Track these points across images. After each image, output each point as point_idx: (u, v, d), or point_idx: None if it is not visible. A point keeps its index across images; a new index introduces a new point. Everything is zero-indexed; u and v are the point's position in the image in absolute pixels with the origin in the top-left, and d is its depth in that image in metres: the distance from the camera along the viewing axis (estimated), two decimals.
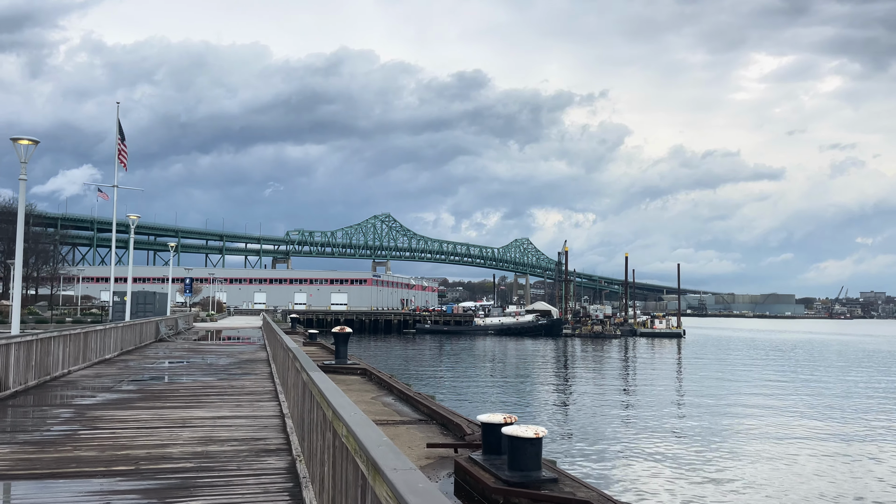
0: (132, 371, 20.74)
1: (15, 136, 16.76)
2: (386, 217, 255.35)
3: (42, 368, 17.09)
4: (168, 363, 23.85)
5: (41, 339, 16.82)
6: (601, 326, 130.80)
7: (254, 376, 19.63)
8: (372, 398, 16.38)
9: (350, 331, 23.17)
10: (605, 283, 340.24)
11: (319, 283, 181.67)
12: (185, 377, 19.40)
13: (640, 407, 37.86)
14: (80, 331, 20.59)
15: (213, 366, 22.87)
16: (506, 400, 39.59)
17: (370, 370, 21.03)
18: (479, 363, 67.20)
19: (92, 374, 19.59)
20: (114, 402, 14.12)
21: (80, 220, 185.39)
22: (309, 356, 13.36)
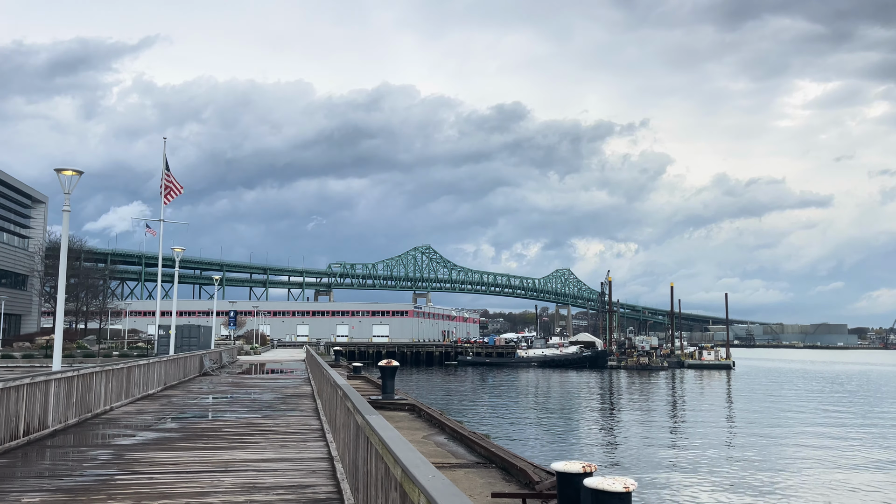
0: (175, 407, 20.14)
1: (59, 167, 16.48)
2: (426, 249, 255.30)
3: (83, 405, 16.55)
4: (211, 399, 23.25)
5: (83, 375, 16.30)
6: (647, 358, 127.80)
7: (299, 413, 18.86)
8: (423, 437, 15.44)
9: (397, 365, 22.32)
10: (648, 313, 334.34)
11: (361, 315, 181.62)
12: (229, 414, 18.71)
13: (693, 443, 36.14)
14: (123, 366, 20.10)
15: (257, 401, 22.18)
16: (554, 435, 38.19)
17: (419, 406, 20.10)
18: (523, 396, 65.67)
19: (134, 410, 19.03)
20: (154, 443, 13.43)
21: (129, 256, 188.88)
22: (341, 377, 12.58)
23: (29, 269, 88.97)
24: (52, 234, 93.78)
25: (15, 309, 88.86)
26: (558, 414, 50.71)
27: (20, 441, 12.66)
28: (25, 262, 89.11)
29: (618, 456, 31.26)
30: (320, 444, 13.12)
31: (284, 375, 39.49)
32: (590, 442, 36.38)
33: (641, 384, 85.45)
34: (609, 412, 52.73)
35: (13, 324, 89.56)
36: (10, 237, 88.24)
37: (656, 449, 33.70)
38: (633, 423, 44.57)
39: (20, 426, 12.73)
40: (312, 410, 19.20)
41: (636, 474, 26.32)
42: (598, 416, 49.40)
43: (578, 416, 49.21)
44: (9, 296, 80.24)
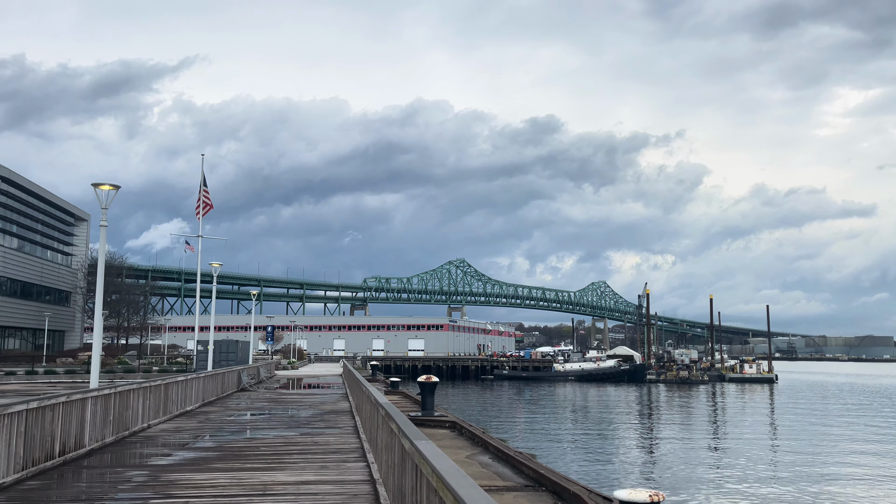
0: (212, 425, 19.86)
1: (96, 182, 16.37)
2: (461, 262, 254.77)
3: (121, 423, 16.31)
4: (249, 415, 22.96)
5: (120, 392, 16.06)
6: (687, 372, 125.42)
7: (338, 430, 18.42)
8: (466, 457, 14.88)
9: (437, 380, 21.79)
10: (686, 326, 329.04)
11: (397, 329, 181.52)
12: (266, 431, 18.35)
13: (737, 460, 34.93)
14: (161, 382, 19.88)
15: (295, 418, 21.82)
16: (595, 453, 37.27)
17: (460, 423, 19.53)
18: (561, 412, 64.65)
19: (172, 428, 18.77)
20: (191, 463, 13.07)
21: (169, 272, 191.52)
22: (383, 395, 12.09)
23: (72, 286, 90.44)
24: (93, 251, 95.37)
25: (59, 325, 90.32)
26: (598, 430, 49.63)
27: (56, 461, 12.39)
28: (68, 279, 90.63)
29: (659, 473, 30.30)
30: (361, 465, 12.64)
31: (322, 390, 39.19)
32: (631, 459, 35.39)
33: (681, 398, 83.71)
34: (649, 428, 51.54)
35: (57, 340, 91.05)
36: (53, 254, 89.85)
37: (699, 467, 32.63)
38: (675, 440, 43.40)
39: (55, 446, 12.47)
40: (351, 428, 18.76)
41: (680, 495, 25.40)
42: (638, 432, 48.24)
43: (618, 432, 48.11)
44: (52, 312, 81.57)
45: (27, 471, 11.21)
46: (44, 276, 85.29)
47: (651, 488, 7.79)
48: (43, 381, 48.69)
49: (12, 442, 10.72)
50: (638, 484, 26.27)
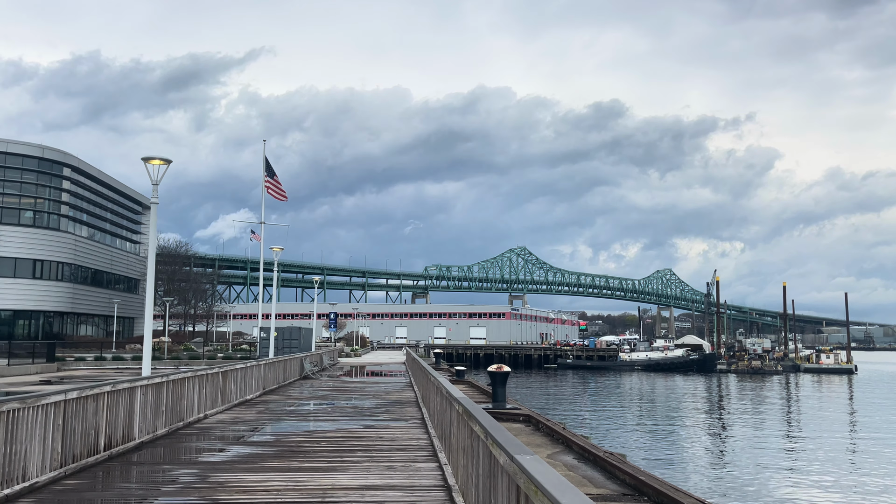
0: (272, 415, 18.78)
1: (146, 156, 15.33)
2: (522, 250, 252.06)
3: (175, 413, 15.29)
4: (310, 405, 21.86)
5: (173, 381, 15.03)
6: (760, 362, 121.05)
7: (403, 423, 17.09)
8: (548, 456, 13.34)
9: (509, 370, 20.26)
10: (756, 314, 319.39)
11: (458, 317, 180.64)
12: (328, 424, 17.14)
13: (817, 455, 32.41)
14: (218, 370, 18.88)
15: (359, 409, 20.61)
16: (666, 447, 35.22)
17: (535, 417, 17.96)
18: (629, 402, 62.48)
19: (229, 418, 17.73)
20: (244, 460, 11.86)
21: (235, 260, 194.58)
22: (454, 386, 10.66)
23: (140, 274, 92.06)
24: (160, 238, 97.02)
25: (128, 312, 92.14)
26: (669, 422, 47.42)
27: (100, 456, 11.33)
28: (137, 267, 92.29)
29: (734, 471, 28.19)
30: (432, 467, 11.21)
31: (385, 378, 38.18)
32: (705, 456, 33.20)
33: (755, 389, 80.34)
34: (723, 421, 49.11)
35: (126, 326, 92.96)
36: (122, 242, 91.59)
37: (776, 465, 30.32)
38: (750, 434, 41.00)
39: (100, 440, 11.41)
40: (418, 421, 17.40)
41: (756, 496, 23.39)
42: (711, 426, 45.90)
43: (690, 425, 45.79)
44: (122, 299, 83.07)
45: (66, 468, 10.15)
46: (114, 264, 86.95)
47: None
48: (111, 367, 49.11)
49: (48, 437, 9.65)
50: (721, 487, 24.30)
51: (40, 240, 71.45)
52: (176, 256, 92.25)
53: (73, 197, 76.44)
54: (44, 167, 71.79)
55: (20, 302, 70.35)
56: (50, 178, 72.83)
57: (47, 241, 72.16)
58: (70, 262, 75.42)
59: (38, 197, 72.01)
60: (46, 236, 72.17)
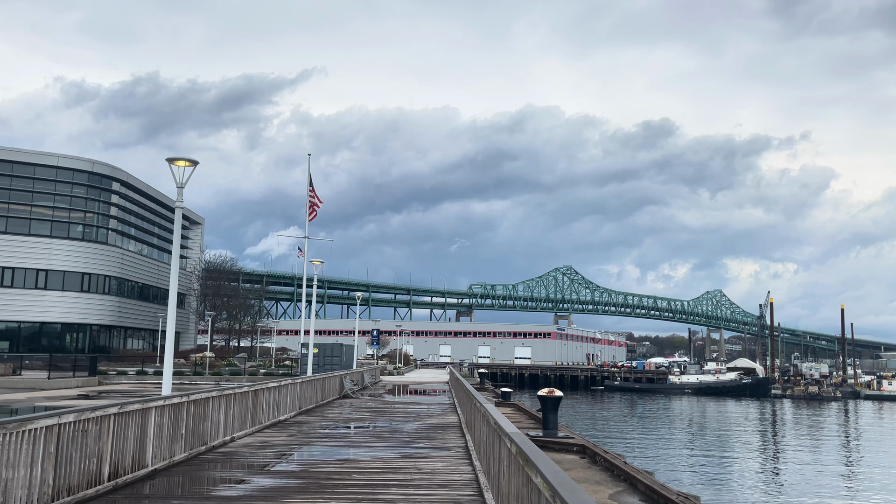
0: (304, 438, 17.43)
1: (171, 157, 14.24)
2: (567, 269, 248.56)
3: (196, 437, 14.03)
4: (346, 428, 20.45)
5: (195, 401, 13.77)
6: (817, 387, 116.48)
7: (445, 452, 15.56)
8: (609, 497, 11.68)
9: (561, 395, 18.60)
10: (810, 338, 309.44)
11: (503, 336, 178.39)
12: (363, 450, 15.70)
13: (886, 485, 29.78)
14: (248, 389, 17.63)
15: (397, 433, 19.14)
16: (731, 481, 32.90)
17: (591, 447, 16.24)
18: (682, 428, 59.82)
19: (257, 442, 16.41)
20: (263, 495, 10.46)
21: (283, 277, 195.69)
22: (502, 415, 9.20)
23: (187, 289, 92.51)
24: (207, 253, 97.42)
25: (175, 326, 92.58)
26: (724, 450, 44.91)
27: (103, 487, 10.06)
28: (183, 282, 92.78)
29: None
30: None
31: (428, 398, 36.70)
32: (757, 482, 30.81)
33: (813, 416, 76.73)
34: (782, 449, 46.45)
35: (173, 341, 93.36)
36: (170, 257, 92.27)
37: (833, 492, 27.87)
38: (810, 464, 38.39)
39: (104, 468, 10.14)
40: (462, 450, 15.85)
41: None
42: (772, 455, 43.31)
43: (749, 454, 43.24)
44: (164, 313, 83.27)
45: (57, 503, 8.88)
46: (160, 278, 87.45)
47: None
48: (151, 381, 48.61)
49: (36, 467, 8.39)
50: None
51: (89, 253, 72.10)
52: (221, 272, 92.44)
53: (122, 211, 77.13)
54: (93, 181, 72.57)
55: (68, 315, 70.94)
56: (99, 193, 73.58)
57: (96, 254, 72.79)
58: (117, 275, 75.94)
59: (87, 211, 72.76)
60: (95, 250, 72.82)
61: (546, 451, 15.96)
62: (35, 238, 68.89)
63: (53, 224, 70.45)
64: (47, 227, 69.76)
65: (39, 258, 68.48)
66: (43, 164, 69.10)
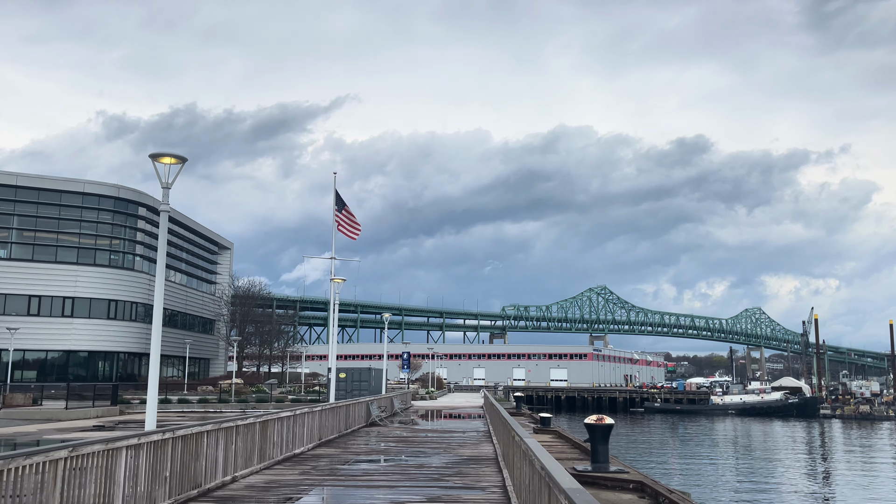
0: (317, 476, 15.27)
1: (155, 153, 12.36)
2: (602, 289, 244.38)
3: (186, 479, 11.95)
4: (368, 463, 18.23)
5: (183, 437, 11.71)
6: (868, 406, 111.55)
7: (479, 494, 13.28)
8: None
9: (612, 423, 16.25)
10: (854, 355, 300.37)
11: (538, 358, 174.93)
12: (382, 492, 13.47)
13: None
14: (254, 420, 15.53)
15: (425, 468, 16.88)
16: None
17: (650, 485, 13.85)
18: (725, 451, 56.88)
19: (262, 482, 14.27)
20: None
21: (316, 302, 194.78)
22: (548, 454, 7.17)
23: (216, 314, 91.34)
24: (236, 279, 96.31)
25: (203, 353, 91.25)
26: (776, 475, 41.86)
27: None
28: (212, 308, 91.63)
29: None
30: None
31: (461, 425, 34.38)
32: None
33: (866, 436, 72.84)
34: (843, 472, 43.28)
35: (202, 367, 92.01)
36: (199, 283, 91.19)
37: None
38: (875, 486, 35.24)
39: None
40: (498, 490, 13.55)
41: None
42: (824, 477, 40.24)
43: (804, 481, 40.16)
44: (193, 339, 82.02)
45: None
46: (188, 304, 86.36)
47: None
48: (174, 409, 46.94)
49: None
50: None
51: (115, 280, 71.13)
52: (248, 297, 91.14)
53: (148, 236, 76.25)
54: (119, 207, 71.76)
55: (95, 343, 69.83)
56: (125, 218, 72.76)
57: (122, 281, 71.81)
58: (144, 302, 74.86)
59: (113, 237, 71.89)
60: (122, 276, 71.85)
61: (597, 490, 13.57)
62: (61, 265, 68.08)
63: (80, 251, 69.66)
64: (74, 254, 68.94)
65: (66, 286, 67.59)
66: (69, 190, 68.44)
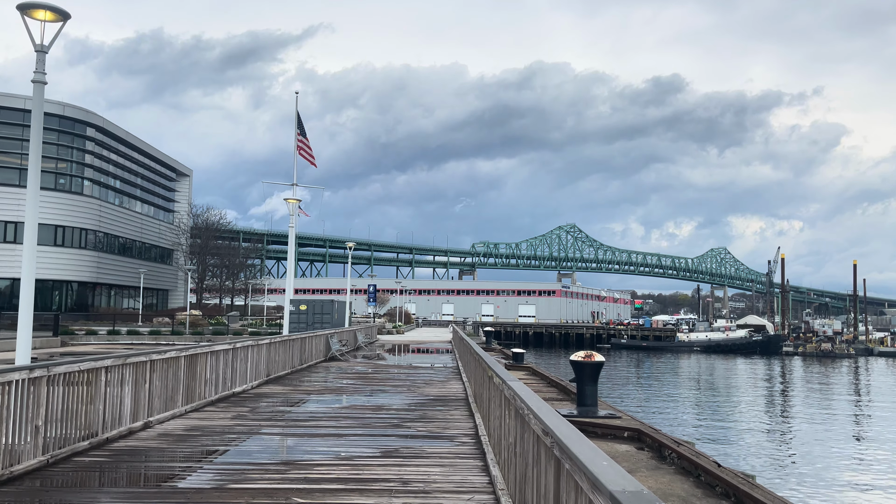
0: (253, 421, 12.79)
1: (25, 3, 9.26)
2: (571, 227, 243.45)
3: (75, 426, 9.38)
4: (317, 404, 15.77)
5: (66, 375, 9.07)
6: (830, 344, 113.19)
7: (447, 444, 10.92)
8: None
9: (602, 360, 13.96)
10: (814, 295, 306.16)
11: (507, 295, 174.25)
12: (328, 442, 11.02)
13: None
14: (177, 354, 12.88)
15: (383, 411, 14.51)
16: (742, 439, 28.59)
17: (649, 433, 11.60)
18: (687, 385, 56.81)
19: (182, 428, 11.71)
20: None
21: (283, 236, 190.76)
22: (548, 407, 4.97)
23: (174, 244, 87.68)
24: (195, 207, 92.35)
25: (161, 284, 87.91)
26: (740, 410, 41.17)
27: None
28: (170, 237, 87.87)
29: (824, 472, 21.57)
30: None
31: (427, 359, 32.29)
32: (786, 451, 26.42)
33: (826, 373, 73.63)
34: (802, 407, 42.93)
35: (161, 299, 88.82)
36: (156, 211, 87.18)
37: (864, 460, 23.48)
38: (832, 421, 34.44)
39: None
40: (470, 439, 11.19)
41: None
42: (786, 413, 39.54)
43: (761, 412, 39.54)
44: (148, 269, 78.52)
45: None
46: (144, 232, 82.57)
47: None
48: (123, 341, 44.17)
49: None
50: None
51: (63, 205, 66.84)
52: (207, 230, 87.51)
53: (98, 159, 71.80)
54: (65, 126, 66.92)
55: (43, 271, 65.97)
56: (72, 139, 68.04)
57: (71, 206, 67.58)
58: (96, 228, 70.99)
59: (59, 158, 67.34)
60: (70, 201, 67.57)
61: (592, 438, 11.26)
62: (3, 188, 63.68)
63: (22, 172, 65.17)
64: (15, 176, 64.44)
65: (8, 209, 63.31)
66: (7, 106, 63.37)
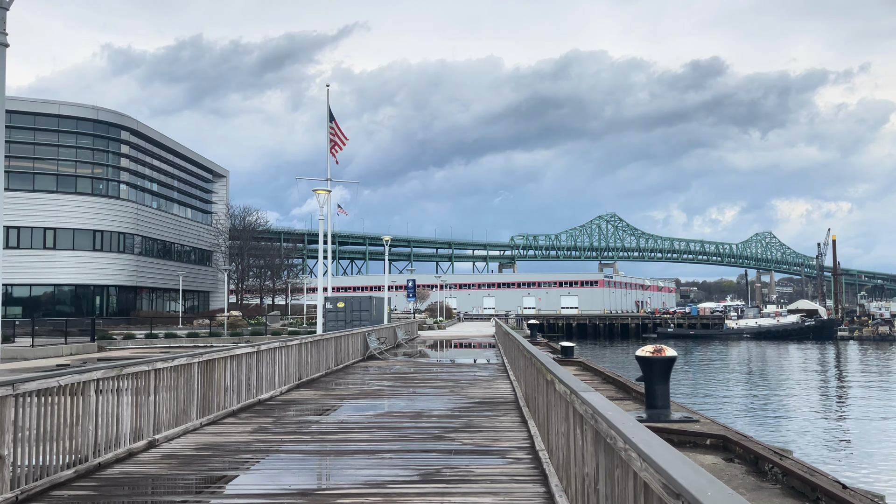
0: (275, 434, 11.26)
1: None
2: (611, 217, 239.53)
3: (62, 451, 7.94)
4: (349, 411, 14.16)
5: (40, 392, 7.61)
6: (888, 327, 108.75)
7: (498, 460, 9.24)
8: None
9: (674, 355, 12.17)
10: (865, 277, 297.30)
11: (548, 286, 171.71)
12: (358, 461, 9.43)
13: None
14: (188, 360, 11.41)
15: (423, 418, 12.88)
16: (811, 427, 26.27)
17: (738, 441, 9.80)
18: (740, 374, 54.35)
19: (192, 448, 10.23)
20: None
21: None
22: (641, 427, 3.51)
23: (212, 245, 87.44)
24: (233, 208, 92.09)
25: (202, 286, 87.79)
26: (807, 400, 38.58)
27: None
28: (208, 238, 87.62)
29: None
30: None
31: (471, 354, 30.65)
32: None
33: (886, 358, 70.12)
34: (882, 399, 40.10)
35: (202, 300, 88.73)
36: (193, 213, 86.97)
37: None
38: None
39: None
40: (524, 453, 9.49)
41: None
42: (858, 402, 36.91)
43: (849, 409, 36.79)
44: (187, 271, 78.24)
45: None
46: (182, 235, 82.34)
47: None
48: (161, 345, 43.38)
49: None
50: None
51: (100, 209, 66.71)
52: (244, 231, 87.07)
53: (134, 163, 71.50)
54: (99, 130, 66.67)
55: (81, 276, 65.92)
56: (107, 143, 67.80)
57: (107, 210, 67.40)
58: (134, 232, 70.76)
59: (95, 163, 67.15)
60: (106, 205, 67.41)
61: None
62: (39, 194, 63.56)
63: (59, 179, 65.06)
64: (52, 182, 64.36)
65: (46, 216, 63.26)
66: (43, 112, 63.26)
